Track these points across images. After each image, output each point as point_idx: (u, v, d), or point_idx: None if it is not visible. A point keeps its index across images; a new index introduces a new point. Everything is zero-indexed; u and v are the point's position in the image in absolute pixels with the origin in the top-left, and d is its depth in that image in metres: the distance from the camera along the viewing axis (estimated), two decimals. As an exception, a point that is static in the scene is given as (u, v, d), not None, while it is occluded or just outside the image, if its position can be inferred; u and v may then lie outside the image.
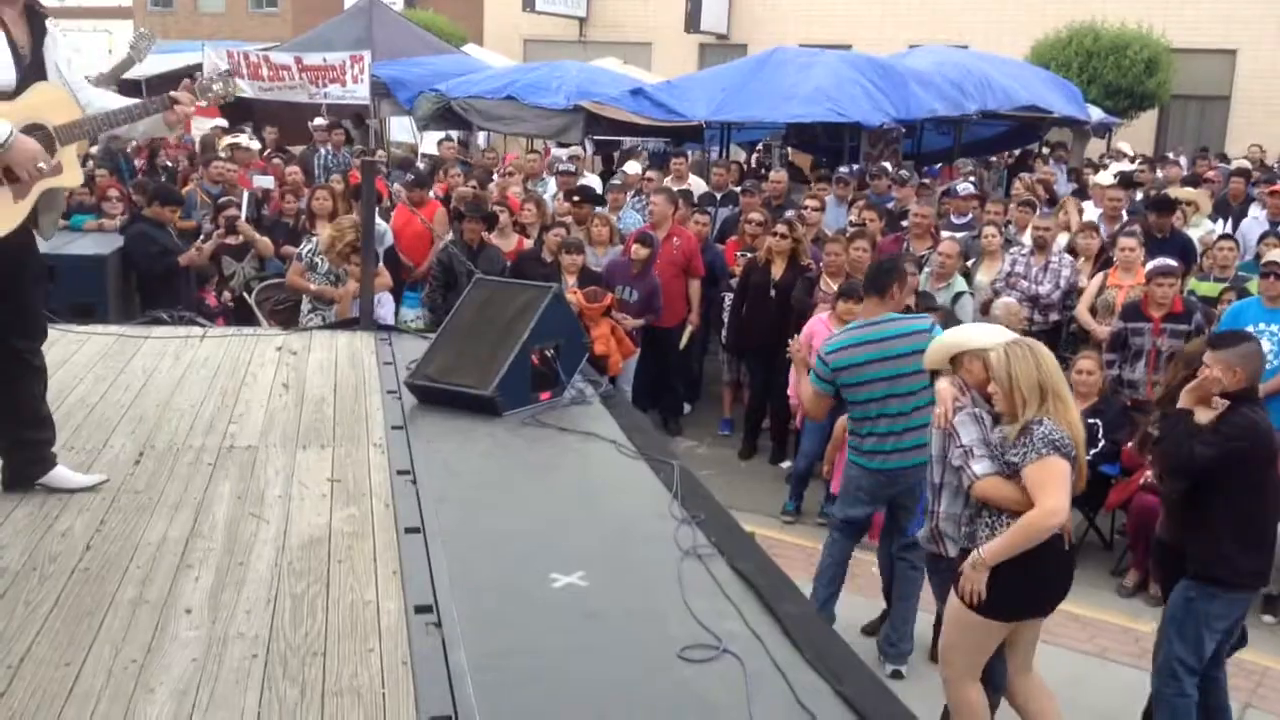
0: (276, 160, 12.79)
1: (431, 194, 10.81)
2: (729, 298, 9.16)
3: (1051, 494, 4.01)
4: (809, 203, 10.11)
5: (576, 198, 10.21)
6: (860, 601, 6.13)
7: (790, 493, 7.76)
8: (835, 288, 7.69)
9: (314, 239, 7.95)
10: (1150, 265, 7.63)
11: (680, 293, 9.26)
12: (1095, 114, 18.62)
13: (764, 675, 2.89)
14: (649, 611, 3.27)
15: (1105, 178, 11.89)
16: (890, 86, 14.42)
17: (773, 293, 8.63)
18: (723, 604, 3.29)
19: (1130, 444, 6.58)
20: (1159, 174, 14.00)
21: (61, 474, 3.95)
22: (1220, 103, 24.85)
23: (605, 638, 3.15)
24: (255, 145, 12.57)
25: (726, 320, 9.16)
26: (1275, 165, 17.69)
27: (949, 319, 7.43)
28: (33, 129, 3.64)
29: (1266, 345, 6.91)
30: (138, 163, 13.28)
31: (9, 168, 3.61)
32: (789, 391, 7.86)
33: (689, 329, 9.38)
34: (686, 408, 9.83)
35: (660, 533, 3.79)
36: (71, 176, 3.94)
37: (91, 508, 3.82)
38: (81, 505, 3.84)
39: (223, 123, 15.12)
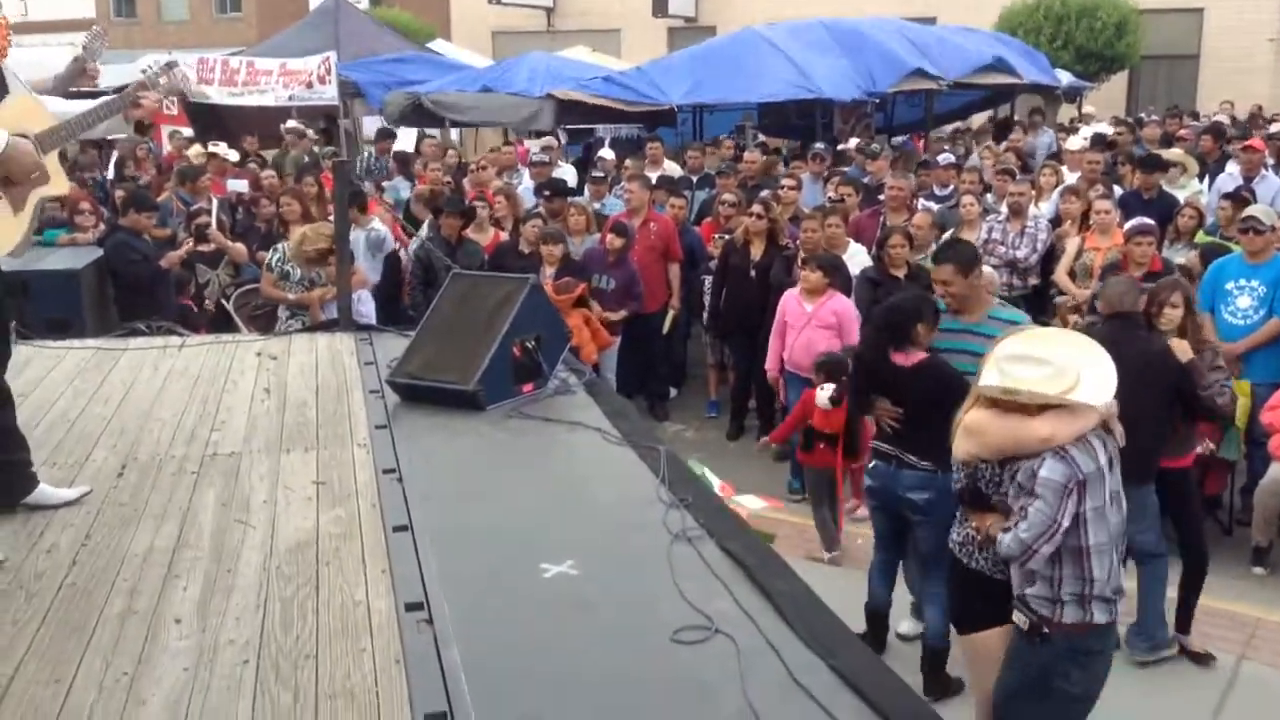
0: (252, 165, 12.71)
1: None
2: (709, 280, 9.16)
3: None
4: (785, 181, 10.12)
5: (547, 193, 10.18)
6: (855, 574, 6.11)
7: (792, 470, 7.76)
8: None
9: (279, 247, 7.88)
10: (1129, 224, 7.65)
11: (660, 278, 9.26)
12: (1065, 78, 18.66)
13: (757, 653, 2.89)
14: (641, 597, 3.26)
15: (1076, 142, 11.90)
16: (858, 58, 14.43)
17: (752, 273, 8.63)
18: (713, 585, 3.28)
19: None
20: (1139, 133, 14.01)
21: (44, 491, 3.92)
22: (1189, 62, 24.96)
23: (598, 626, 3.14)
24: (234, 155, 12.49)
25: (708, 303, 9.16)
26: (1259, 117, 17.74)
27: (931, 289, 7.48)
28: (14, 139, 3.61)
29: (1247, 301, 6.96)
30: (106, 174, 13.21)
31: (6, 178, 3.58)
32: (766, 367, 7.87)
33: (671, 313, 9.38)
34: (672, 392, 9.84)
35: (649, 518, 3.78)
36: (59, 184, 3.93)
37: (76, 523, 3.80)
38: (66, 521, 3.81)
39: (188, 131, 15.04)
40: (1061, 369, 3.64)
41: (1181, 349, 5.40)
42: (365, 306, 7.78)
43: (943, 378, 4.89)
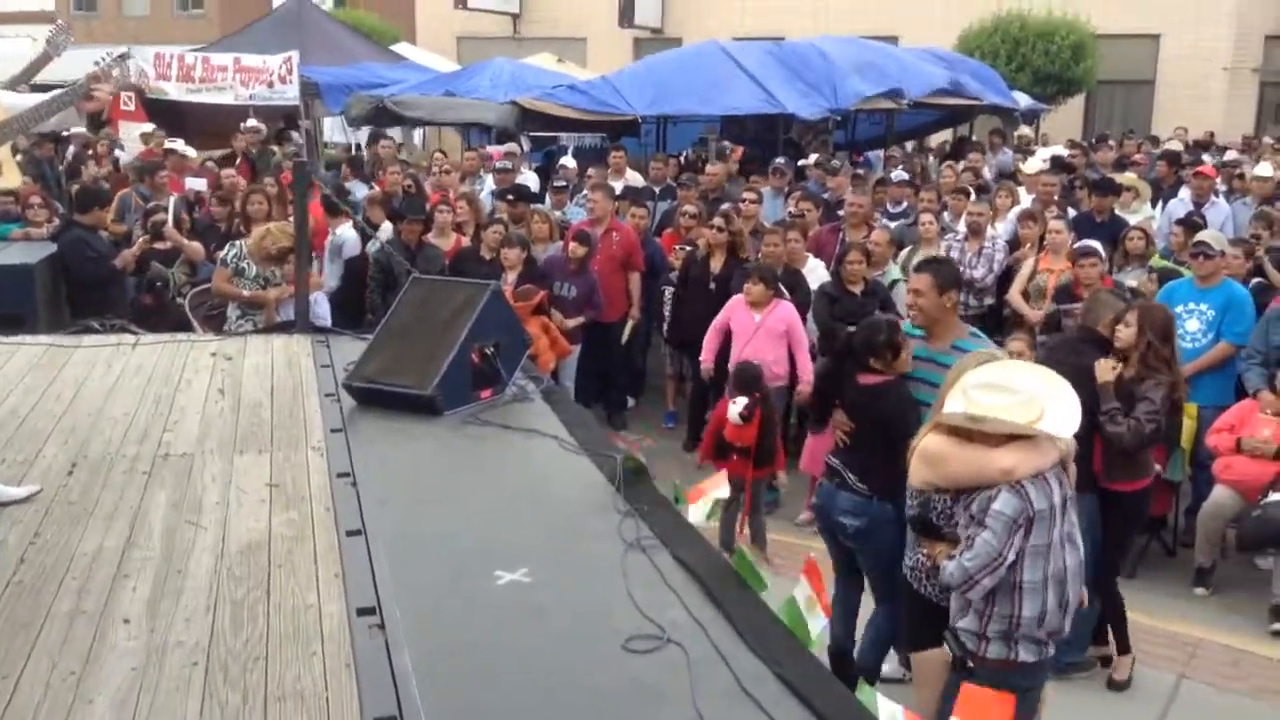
0: (210, 163, 12.60)
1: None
2: (669, 291, 9.20)
3: None
4: (746, 195, 10.18)
5: (511, 197, 10.18)
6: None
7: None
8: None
9: (237, 243, 7.82)
10: (1074, 247, 7.78)
11: (621, 287, 9.29)
12: (1023, 100, 18.92)
13: (707, 662, 2.91)
14: (593, 605, 3.28)
15: (1034, 164, 12.08)
16: (821, 76, 14.58)
17: (712, 285, 8.68)
18: (666, 594, 3.30)
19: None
20: (1093, 157, 14.24)
21: (-7, 488, 3.88)
22: (1145, 87, 25.36)
23: (551, 632, 3.15)
24: (192, 153, 12.37)
25: (668, 313, 9.20)
26: (1211, 145, 18.07)
27: (886, 305, 7.58)
28: None
29: (1195, 325, 7.10)
30: (62, 168, 13.03)
31: None
32: (701, 359, 7.98)
33: (631, 323, 9.41)
34: (630, 402, 9.87)
35: (604, 526, 3.79)
36: (10, 177, 3.90)
37: (25, 520, 3.75)
38: (15, 518, 3.77)
39: (149, 127, 14.86)
40: (1029, 399, 3.65)
41: (1102, 369, 5.39)
42: (321, 308, 7.74)
43: (898, 404, 4.88)
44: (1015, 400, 3.64)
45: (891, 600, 4.87)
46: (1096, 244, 7.71)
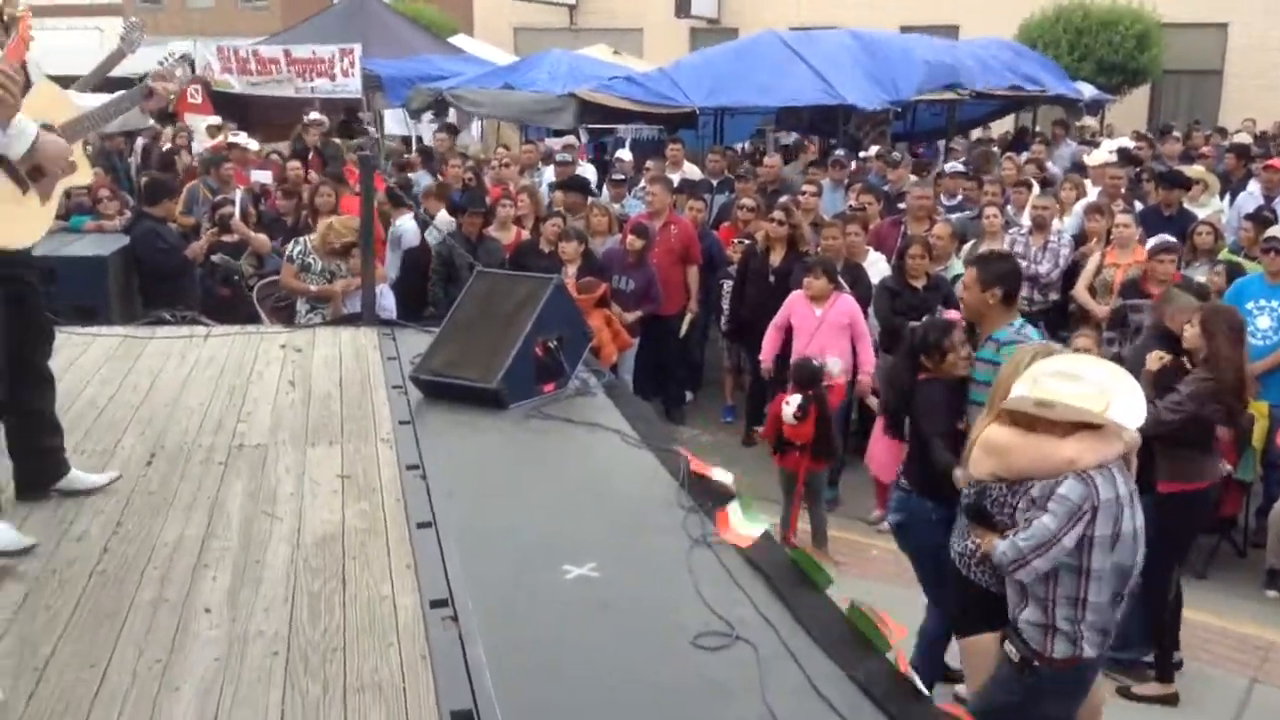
0: (274, 156, 12.78)
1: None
2: (727, 284, 9.18)
3: None
4: (806, 187, 10.13)
5: (565, 188, 10.24)
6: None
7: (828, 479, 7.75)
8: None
9: (303, 238, 7.94)
10: (1151, 242, 7.63)
11: (679, 280, 9.29)
12: (1088, 91, 18.62)
13: (777, 660, 2.93)
14: (661, 601, 3.31)
15: (1099, 156, 11.89)
16: (882, 66, 14.46)
17: (772, 279, 8.65)
18: (734, 591, 3.33)
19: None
20: (1159, 149, 14.00)
21: (76, 476, 3.99)
22: (1213, 77, 24.81)
23: (619, 628, 3.18)
24: (254, 145, 12.55)
25: (726, 307, 9.19)
26: (1274, 136, 17.68)
27: (949, 300, 7.51)
28: (43, 129, 3.67)
29: (1267, 321, 6.97)
30: (131, 160, 13.28)
31: (36, 168, 3.64)
32: (761, 357, 7.98)
33: (689, 316, 9.41)
34: (689, 396, 9.87)
35: (669, 522, 3.83)
36: (83, 174, 3.99)
37: (106, 510, 3.86)
38: (97, 508, 3.87)
39: (216, 120, 15.09)
40: (1099, 388, 3.63)
41: (1151, 359, 5.48)
42: (387, 300, 7.83)
43: (925, 401, 4.88)
44: (1085, 388, 3.62)
45: (939, 602, 4.85)
46: (1174, 240, 7.58)
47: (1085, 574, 3.64)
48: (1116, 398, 3.62)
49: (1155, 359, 5.43)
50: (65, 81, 4.32)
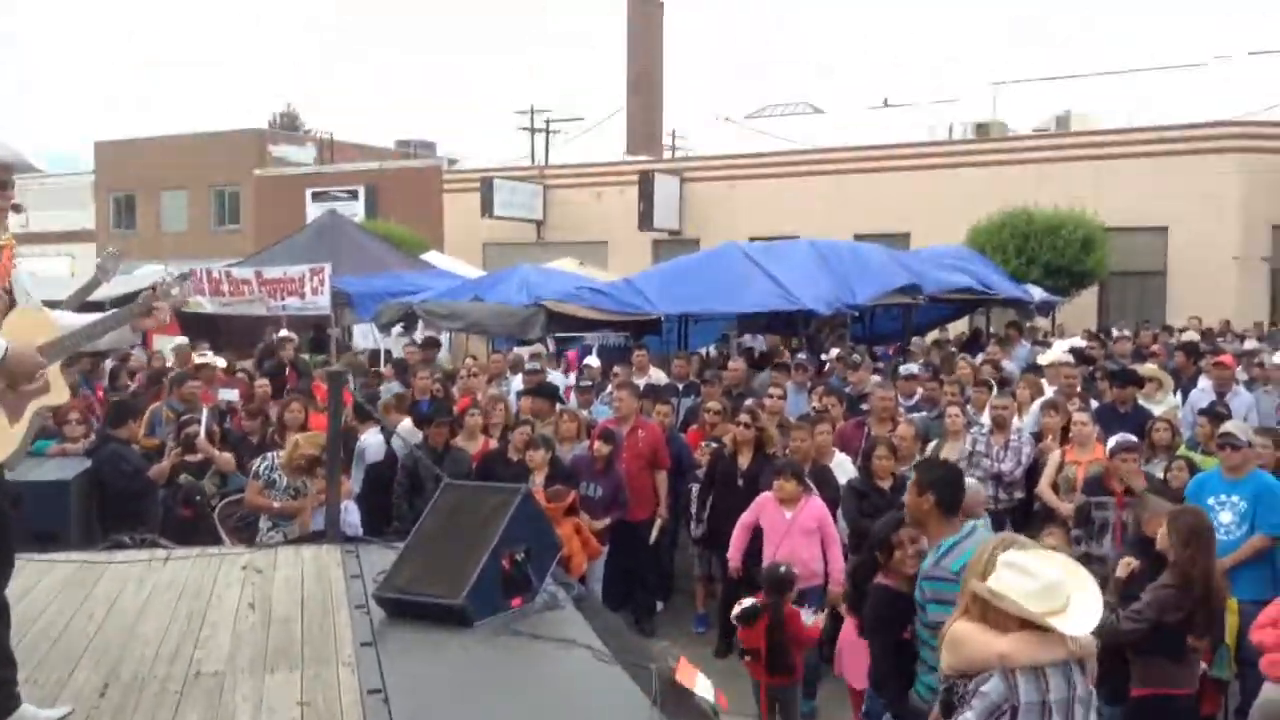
0: (241, 374, 12.87)
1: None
2: (696, 489, 9.19)
3: None
4: (772, 390, 10.30)
5: (533, 395, 10.36)
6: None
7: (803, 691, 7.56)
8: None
9: (269, 455, 7.94)
10: (1113, 442, 7.71)
11: (648, 485, 9.30)
12: (1037, 293, 19.29)
13: None
14: (634, 828, 3.19)
15: (1052, 355, 12.20)
16: (838, 273, 14.97)
17: (740, 481, 8.68)
18: (708, 816, 3.21)
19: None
20: (1108, 347, 14.40)
21: (26, 711, 3.84)
22: (1157, 277, 25.81)
23: None
24: (221, 363, 12.67)
25: (694, 512, 9.16)
26: (1223, 334, 18.25)
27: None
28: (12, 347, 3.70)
29: (1228, 516, 7.02)
30: (96, 383, 13.29)
31: (9, 385, 3.64)
32: (729, 556, 7.87)
33: (658, 522, 9.37)
34: (659, 605, 9.72)
35: (641, 742, 3.72)
36: (59, 394, 3.98)
37: (55, 747, 3.71)
38: (45, 745, 3.72)
39: (183, 339, 15.27)
40: (1050, 589, 3.63)
41: (1121, 565, 5.65)
42: (352, 516, 7.77)
43: (872, 602, 4.97)
44: (1034, 585, 3.63)
45: None
46: (1135, 439, 7.71)
47: None
48: (1068, 602, 3.63)
49: (1124, 565, 5.47)
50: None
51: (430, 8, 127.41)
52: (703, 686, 4.15)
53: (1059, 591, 3.63)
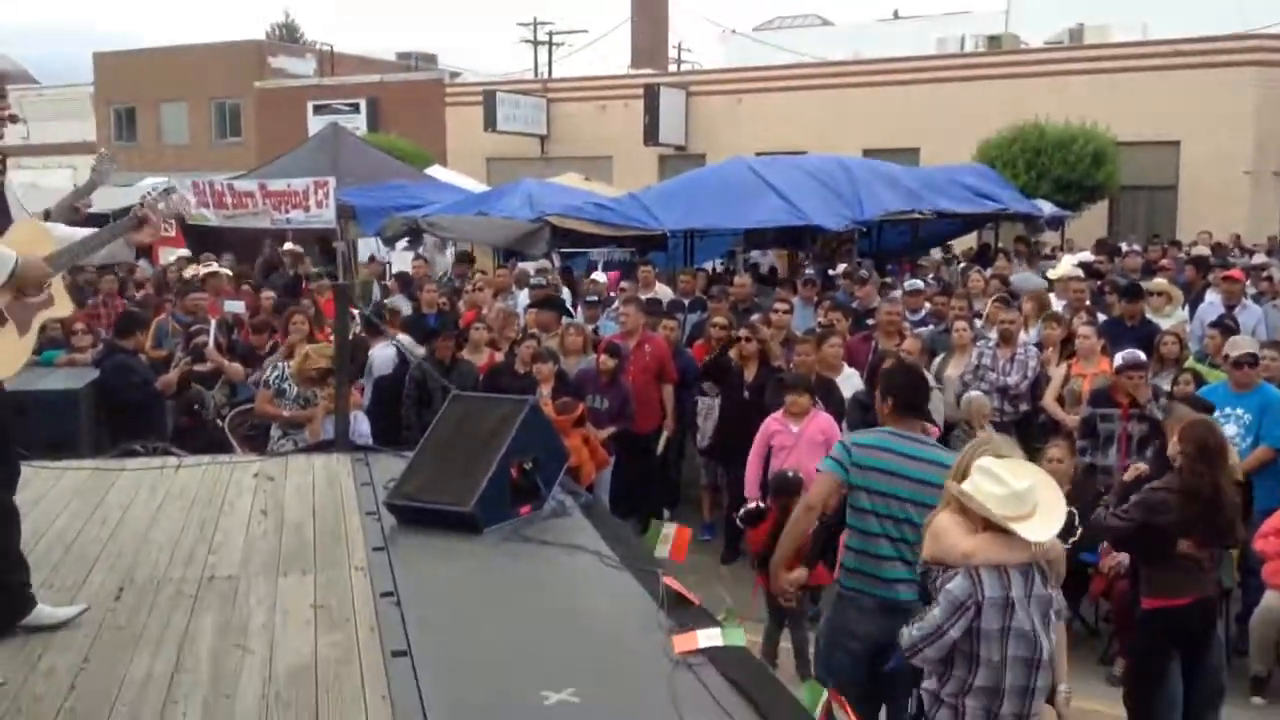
0: (246, 286, 12.85)
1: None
2: (702, 402, 9.23)
3: None
4: (778, 305, 10.28)
5: (540, 307, 10.36)
6: None
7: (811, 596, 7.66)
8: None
9: (279, 364, 7.97)
10: (1119, 359, 7.69)
11: (655, 398, 9.34)
12: (1047, 208, 19.12)
13: (763, 784, 2.87)
14: (644, 724, 3.25)
15: (1062, 269, 12.14)
16: (846, 188, 14.83)
17: (746, 394, 8.71)
18: (717, 714, 3.27)
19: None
20: (1116, 263, 14.32)
21: (43, 611, 3.90)
22: (1168, 192, 25.55)
23: (601, 754, 3.11)
24: (227, 272, 12.66)
25: (700, 424, 9.21)
26: (1232, 249, 18.14)
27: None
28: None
29: (1233, 429, 7.03)
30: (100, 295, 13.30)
31: (18, 294, 3.65)
32: (746, 493, 7.89)
33: (665, 434, 9.43)
34: (665, 514, 9.80)
35: (649, 644, 3.77)
36: (63, 307, 3.99)
37: (74, 646, 3.77)
38: (65, 644, 3.78)
39: (186, 252, 15.24)
40: (1018, 496, 3.88)
41: (1130, 470, 5.73)
42: (362, 426, 7.82)
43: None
44: (1002, 491, 3.88)
45: None
46: (1142, 355, 7.69)
47: (974, 660, 3.95)
48: (1034, 510, 3.89)
49: (1133, 470, 5.51)
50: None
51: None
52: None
53: (1026, 499, 3.89)
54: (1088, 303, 10.30)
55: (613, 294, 12.38)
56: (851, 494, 4.79)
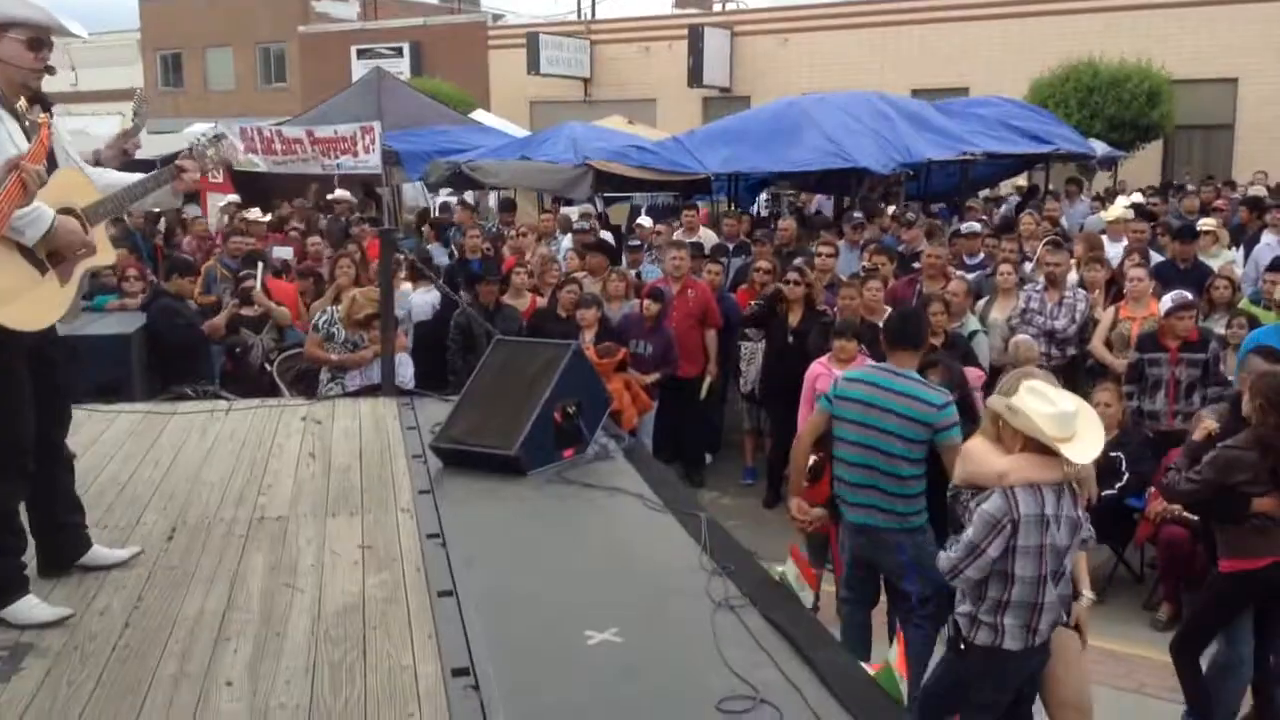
0: (294, 232, 12.94)
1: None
2: (746, 346, 9.21)
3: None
4: (822, 249, 10.19)
5: (592, 250, 10.37)
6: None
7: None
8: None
9: (328, 309, 8.05)
10: (1167, 300, 7.57)
11: (698, 343, 9.34)
12: (1100, 148, 18.71)
13: (803, 723, 2.90)
14: (685, 665, 3.29)
15: (1115, 211, 11.91)
16: (893, 129, 14.59)
17: (790, 339, 8.68)
18: (758, 654, 3.30)
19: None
20: (1172, 203, 14.04)
21: (98, 552, 4.00)
22: (1224, 131, 24.92)
23: (643, 693, 3.16)
24: (264, 218, 12.76)
25: (744, 369, 9.20)
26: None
27: (967, 357, 7.49)
28: (63, 213, 3.73)
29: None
30: (156, 242, 13.47)
31: (54, 252, 3.70)
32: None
33: (708, 379, 9.43)
34: (708, 458, 9.85)
35: (692, 586, 3.81)
36: (105, 255, 4.04)
37: (128, 585, 3.86)
38: (118, 583, 3.88)
39: (235, 197, 15.34)
40: (1065, 418, 3.94)
41: (1201, 429, 5.44)
42: (406, 370, 7.89)
43: None
44: (1051, 410, 3.94)
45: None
46: (1191, 296, 7.56)
47: (1009, 578, 4.07)
48: (1075, 434, 3.96)
49: (1203, 429, 5.32)
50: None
51: None
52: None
53: (1070, 422, 3.96)
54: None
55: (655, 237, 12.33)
56: (835, 425, 5.23)
